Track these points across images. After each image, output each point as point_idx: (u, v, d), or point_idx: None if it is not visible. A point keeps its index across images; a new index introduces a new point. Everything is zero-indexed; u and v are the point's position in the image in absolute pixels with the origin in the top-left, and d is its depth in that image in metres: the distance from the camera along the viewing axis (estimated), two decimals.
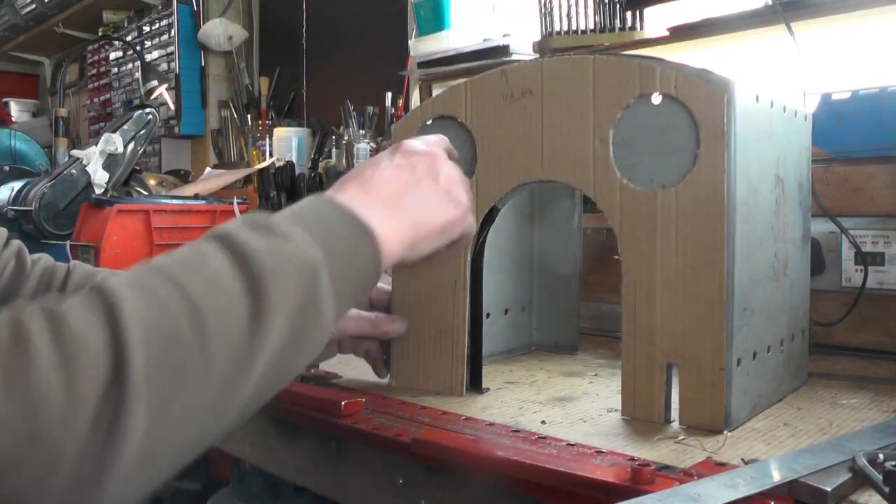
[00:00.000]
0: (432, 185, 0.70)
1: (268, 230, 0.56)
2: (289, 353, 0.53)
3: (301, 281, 0.54)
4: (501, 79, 0.85)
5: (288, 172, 2.16)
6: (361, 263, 0.61)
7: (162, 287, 0.49)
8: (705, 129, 0.72)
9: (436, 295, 0.89)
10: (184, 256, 0.53)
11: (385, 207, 0.66)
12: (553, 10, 1.45)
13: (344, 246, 0.59)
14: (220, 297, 0.50)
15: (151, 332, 0.46)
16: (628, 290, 0.77)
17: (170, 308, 0.48)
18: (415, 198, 0.68)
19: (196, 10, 2.88)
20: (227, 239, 0.54)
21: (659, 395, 0.75)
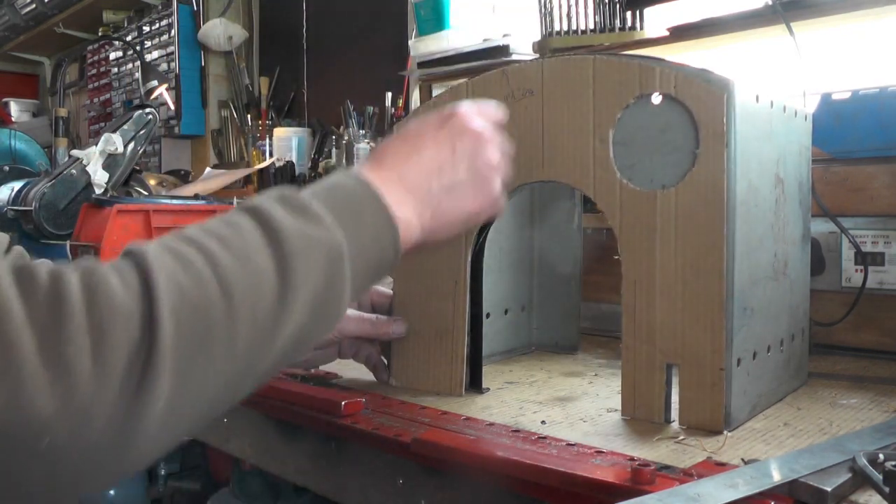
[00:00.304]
0: (468, 170, 0.70)
1: (300, 209, 0.58)
2: (307, 331, 0.56)
3: (326, 265, 0.56)
4: (502, 79, 0.85)
5: (288, 172, 2.16)
6: (382, 250, 0.63)
7: (196, 258, 0.51)
8: (705, 129, 0.72)
9: (436, 295, 0.89)
10: (219, 228, 0.55)
11: (414, 191, 0.67)
12: (553, 10, 1.45)
13: (368, 233, 0.61)
14: (251, 274, 0.52)
15: (183, 303, 0.48)
16: (628, 290, 0.77)
17: (202, 280, 0.50)
18: (447, 183, 0.69)
19: (196, 10, 2.88)
20: (262, 215, 0.56)
21: (659, 395, 0.75)
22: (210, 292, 0.50)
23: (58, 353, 0.43)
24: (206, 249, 0.52)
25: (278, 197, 0.59)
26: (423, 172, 0.68)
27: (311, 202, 0.59)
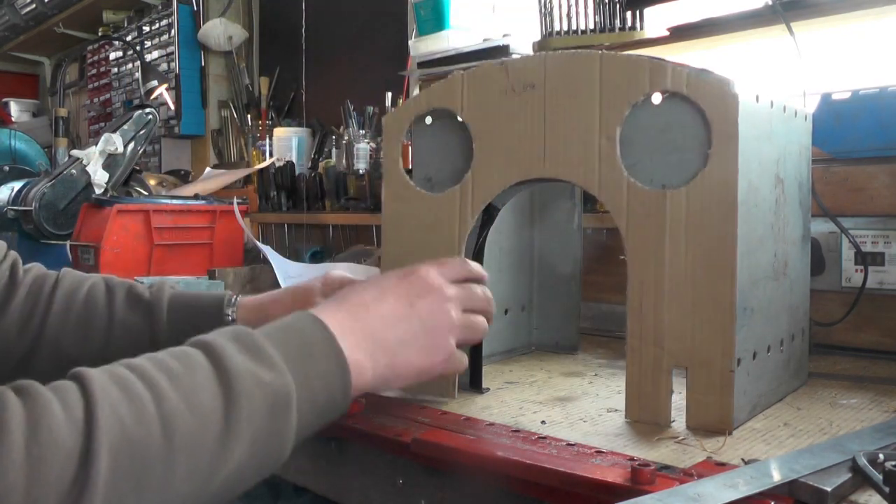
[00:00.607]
0: (424, 326, 0.70)
1: (254, 351, 0.58)
2: (246, 473, 0.56)
3: (272, 412, 0.57)
4: (501, 72, 0.84)
5: (288, 172, 2.16)
6: (331, 394, 0.63)
7: (143, 393, 0.52)
8: (717, 129, 0.71)
9: None
10: (171, 362, 0.56)
11: (370, 337, 0.67)
12: (553, 10, 1.46)
13: (319, 378, 0.61)
14: (195, 414, 0.53)
15: (122, 440, 0.49)
16: (634, 291, 0.76)
17: (145, 417, 0.51)
18: (402, 336, 0.69)
19: (196, 10, 2.88)
20: (215, 353, 0.57)
21: (665, 398, 0.74)
22: (151, 430, 0.50)
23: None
24: (154, 384, 0.53)
25: (233, 335, 0.60)
26: (380, 321, 0.68)
27: (265, 344, 0.59)
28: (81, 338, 0.88)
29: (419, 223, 0.89)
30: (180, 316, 0.89)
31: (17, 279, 0.89)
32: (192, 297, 0.92)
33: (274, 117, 2.65)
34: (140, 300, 0.89)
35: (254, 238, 1.90)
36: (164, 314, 0.89)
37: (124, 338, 0.88)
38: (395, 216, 0.91)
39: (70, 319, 0.87)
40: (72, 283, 0.90)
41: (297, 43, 2.63)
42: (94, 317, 0.88)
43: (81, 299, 0.89)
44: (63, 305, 0.88)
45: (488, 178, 0.85)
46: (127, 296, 0.90)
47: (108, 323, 0.88)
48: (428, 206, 0.88)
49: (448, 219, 0.87)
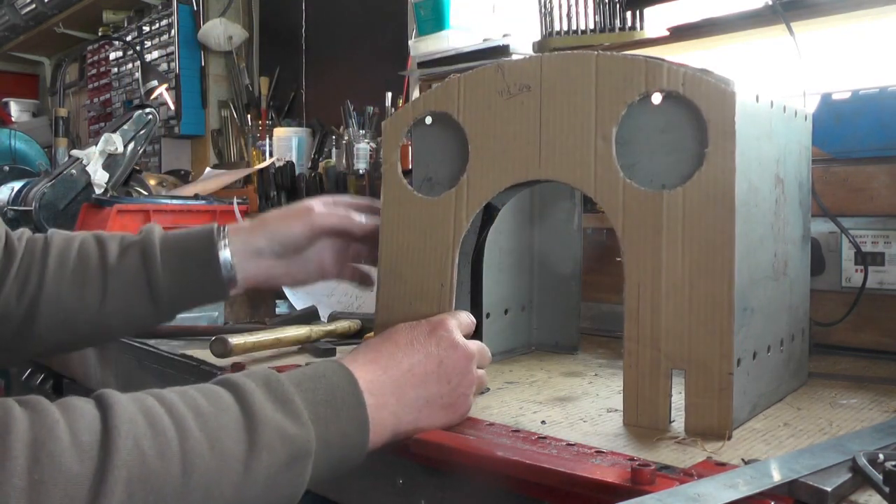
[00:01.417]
0: (451, 387, 0.73)
1: (282, 401, 0.60)
2: None
3: (290, 464, 0.59)
4: (497, 74, 0.83)
5: (288, 172, 2.16)
6: (350, 451, 0.65)
7: (168, 427, 0.53)
8: (714, 128, 0.71)
9: (423, 297, 0.88)
10: (200, 400, 0.57)
11: (397, 395, 0.69)
12: (553, 10, 1.45)
13: (340, 440, 0.63)
14: (217, 457, 0.54)
15: (141, 474, 0.49)
16: (631, 292, 0.75)
17: (167, 453, 0.51)
18: (426, 395, 0.71)
19: (196, 10, 2.88)
20: (245, 399, 0.58)
21: (664, 402, 0.73)
22: (171, 468, 0.51)
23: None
24: (180, 421, 0.53)
25: (265, 381, 0.61)
26: (410, 379, 0.70)
27: (294, 394, 0.61)
28: (79, 292, 0.88)
29: (415, 226, 0.89)
30: (174, 255, 0.90)
31: (13, 247, 0.89)
32: (182, 236, 0.93)
33: (274, 117, 2.65)
34: (131, 247, 0.90)
35: None
36: (158, 256, 0.89)
37: (122, 286, 0.89)
38: (392, 220, 0.91)
39: (66, 276, 0.88)
40: (63, 241, 0.91)
41: (297, 43, 2.63)
42: (89, 269, 0.89)
43: (74, 255, 0.89)
44: (57, 263, 0.88)
45: (483, 180, 0.85)
46: (119, 245, 0.91)
47: (103, 273, 0.88)
48: (424, 209, 0.88)
49: (443, 222, 0.87)
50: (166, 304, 0.91)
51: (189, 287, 0.92)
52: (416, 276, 0.88)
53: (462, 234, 0.86)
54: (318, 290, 1.56)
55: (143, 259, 0.89)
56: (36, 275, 0.88)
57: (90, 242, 0.91)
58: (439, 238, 0.87)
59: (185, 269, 0.90)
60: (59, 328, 0.89)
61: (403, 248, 0.90)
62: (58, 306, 0.88)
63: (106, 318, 0.90)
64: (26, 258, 0.89)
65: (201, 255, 0.90)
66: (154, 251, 0.89)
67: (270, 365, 1.04)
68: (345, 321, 1.28)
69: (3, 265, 0.88)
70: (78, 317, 0.89)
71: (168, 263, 0.89)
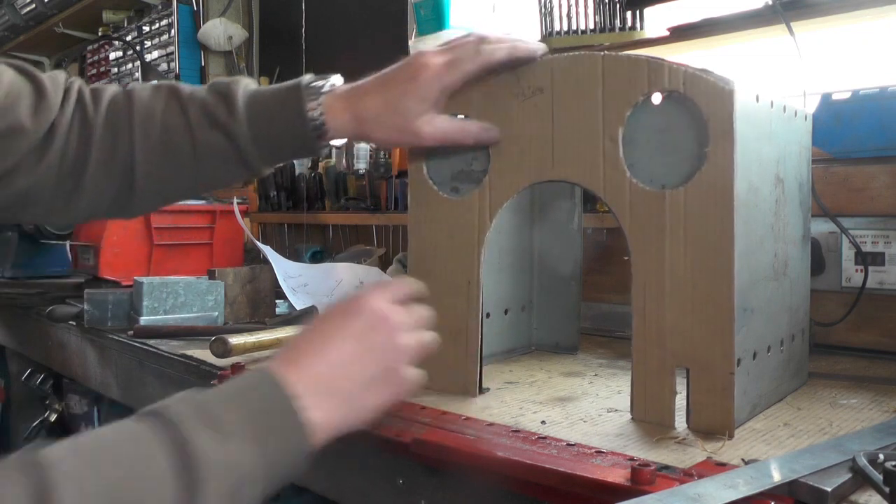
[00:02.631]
0: (381, 363, 0.70)
1: (216, 425, 0.58)
2: None
3: (230, 490, 0.57)
4: (512, 77, 0.84)
5: (288, 172, 2.16)
6: (291, 458, 0.63)
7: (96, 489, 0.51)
8: (714, 128, 0.71)
9: (449, 294, 0.89)
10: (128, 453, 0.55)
11: (330, 391, 0.67)
12: (553, 10, 1.46)
13: (279, 446, 0.62)
14: None
15: None
16: (638, 291, 0.76)
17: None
18: (361, 379, 0.69)
19: (196, 10, 2.88)
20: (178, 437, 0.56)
21: (669, 399, 0.74)
22: None
23: None
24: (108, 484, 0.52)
25: (196, 406, 0.59)
26: (338, 370, 0.68)
27: (226, 415, 0.59)
28: (172, 168, 0.87)
29: (442, 226, 0.90)
30: (261, 122, 0.86)
31: (87, 111, 0.86)
32: (270, 96, 0.87)
33: None
34: (215, 121, 0.86)
35: (254, 238, 1.90)
36: (245, 128, 0.86)
37: (212, 162, 0.87)
38: (419, 219, 0.92)
39: (155, 150, 0.86)
40: (144, 110, 0.87)
41: (297, 43, 2.63)
42: (178, 148, 0.86)
43: (159, 128, 0.86)
44: (144, 135, 0.86)
45: (504, 181, 0.86)
46: (202, 113, 0.86)
47: (192, 149, 0.86)
48: (450, 209, 0.89)
49: (468, 222, 0.88)
50: (258, 168, 0.89)
51: (280, 151, 0.89)
52: (444, 272, 0.90)
53: (486, 234, 0.87)
54: (318, 290, 1.56)
55: (228, 139, 0.86)
56: (124, 148, 0.85)
57: (173, 110, 0.86)
58: (465, 237, 0.88)
59: (273, 136, 0.87)
60: (155, 200, 0.91)
61: (431, 246, 0.91)
62: (153, 182, 0.87)
63: (200, 185, 0.91)
64: (110, 121, 0.86)
65: (293, 124, 0.86)
66: (240, 124, 0.85)
67: None
68: None
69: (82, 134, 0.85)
70: (173, 191, 0.91)
71: (255, 134, 0.86)
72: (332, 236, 2.08)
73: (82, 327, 1.45)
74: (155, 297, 1.36)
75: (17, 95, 0.81)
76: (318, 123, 0.86)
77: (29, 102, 0.82)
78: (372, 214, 1.88)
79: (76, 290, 1.81)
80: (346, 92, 0.88)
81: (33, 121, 0.82)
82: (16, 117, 0.81)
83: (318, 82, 0.88)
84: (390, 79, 0.88)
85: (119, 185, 0.87)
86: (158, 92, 0.88)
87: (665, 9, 1.38)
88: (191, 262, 1.88)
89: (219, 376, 0.98)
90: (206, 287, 1.41)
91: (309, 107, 0.86)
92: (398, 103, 0.85)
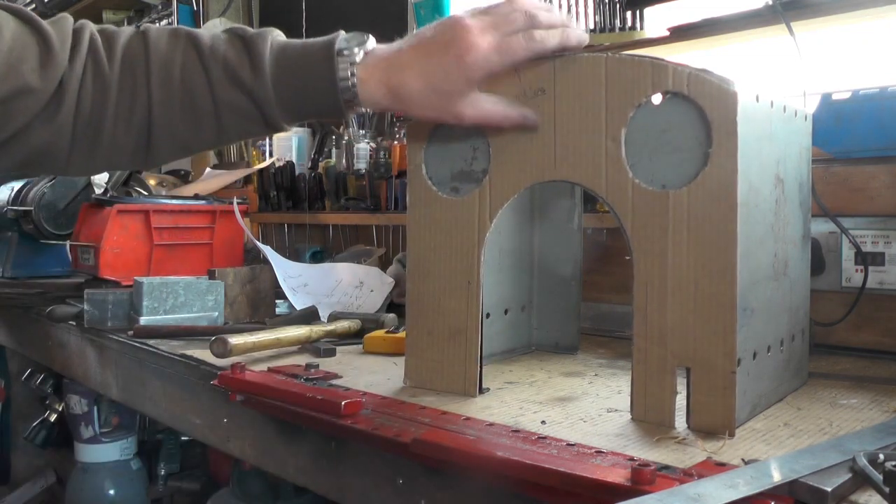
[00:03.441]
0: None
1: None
2: None
3: None
4: (514, 77, 0.84)
5: (288, 172, 2.16)
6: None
7: None
8: (717, 128, 0.72)
9: (449, 294, 0.89)
10: None
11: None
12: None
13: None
14: None
15: None
16: (639, 291, 0.76)
17: None
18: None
19: (196, 10, 2.88)
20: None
21: (670, 398, 0.75)
22: None
23: None
24: None
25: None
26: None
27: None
28: (193, 129, 0.84)
29: (441, 226, 0.90)
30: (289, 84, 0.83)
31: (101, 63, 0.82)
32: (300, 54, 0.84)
33: None
34: (238, 80, 0.82)
35: (254, 238, 1.90)
36: (271, 92, 0.83)
37: (235, 121, 0.85)
38: (419, 220, 0.92)
39: (175, 108, 0.83)
40: (161, 62, 0.83)
41: None
42: (199, 107, 0.83)
43: (178, 84, 0.82)
44: (163, 92, 0.82)
45: (505, 181, 0.86)
46: (224, 71, 0.82)
47: (214, 109, 0.83)
48: (449, 209, 0.89)
49: (468, 222, 0.88)
50: (281, 127, 0.87)
51: (306, 115, 0.87)
52: (443, 273, 0.90)
53: (486, 234, 0.87)
54: (318, 290, 1.56)
55: (252, 100, 0.83)
56: (142, 105, 0.82)
57: (193, 67, 0.82)
58: (464, 237, 0.88)
59: (300, 100, 0.84)
60: (175, 153, 0.90)
61: (430, 246, 0.91)
62: (173, 138, 0.85)
63: (220, 140, 0.88)
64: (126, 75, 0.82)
65: (320, 89, 0.83)
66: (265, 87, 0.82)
67: (270, 365, 1.04)
68: (345, 321, 1.28)
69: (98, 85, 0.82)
70: (194, 145, 0.88)
71: (281, 97, 0.83)
72: (332, 236, 2.08)
73: (82, 327, 1.45)
74: (155, 297, 1.36)
75: (21, 52, 0.77)
76: (350, 94, 0.82)
77: (35, 59, 0.78)
78: (372, 214, 1.88)
79: (76, 290, 1.81)
80: (382, 60, 0.83)
81: (41, 79, 0.78)
82: (22, 77, 0.76)
83: (353, 47, 0.83)
84: (432, 51, 0.81)
85: (136, 139, 0.84)
86: (176, 41, 0.83)
87: (665, 9, 1.38)
88: (191, 262, 1.88)
89: (219, 376, 0.98)
90: (206, 287, 1.41)
91: (341, 75, 0.82)
92: (441, 83, 0.81)
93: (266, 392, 0.91)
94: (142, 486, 1.98)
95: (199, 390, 1.10)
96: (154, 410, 1.22)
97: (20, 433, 2.34)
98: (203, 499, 1.81)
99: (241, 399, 0.94)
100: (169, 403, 1.18)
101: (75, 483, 1.94)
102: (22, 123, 0.79)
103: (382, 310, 1.51)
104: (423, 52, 0.82)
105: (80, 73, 0.80)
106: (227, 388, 0.96)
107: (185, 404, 1.14)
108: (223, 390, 0.97)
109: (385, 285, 1.57)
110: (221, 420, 1.05)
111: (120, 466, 1.95)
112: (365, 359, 1.12)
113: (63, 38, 0.80)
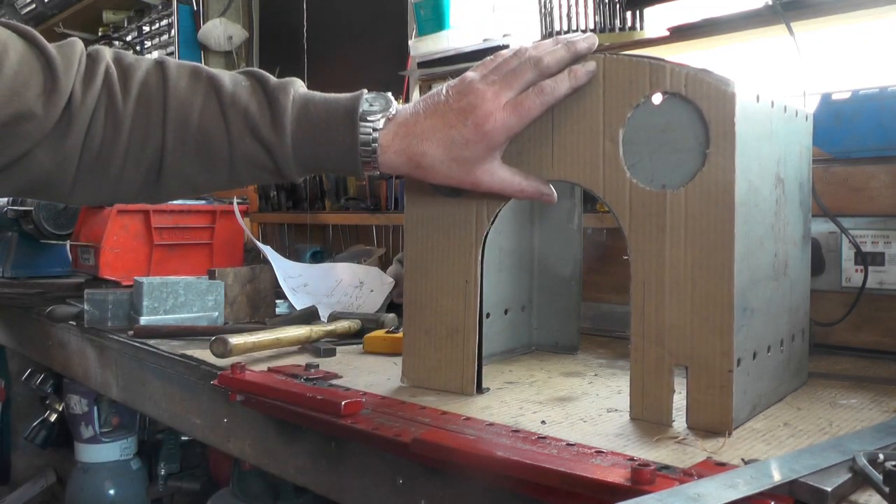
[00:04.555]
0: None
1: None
2: None
3: None
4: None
5: None
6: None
7: None
8: (715, 129, 0.72)
9: (447, 294, 0.89)
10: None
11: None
12: (553, 10, 1.46)
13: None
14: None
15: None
16: (637, 290, 0.76)
17: None
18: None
19: (196, 10, 2.88)
20: None
21: (667, 397, 0.75)
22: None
23: None
24: None
25: None
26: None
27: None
28: (206, 174, 0.84)
29: (439, 225, 0.90)
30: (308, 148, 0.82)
31: (116, 98, 0.80)
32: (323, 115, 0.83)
33: None
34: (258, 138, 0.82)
35: (254, 238, 1.90)
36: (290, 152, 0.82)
37: (249, 171, 0.84)
38: (416, 219, 0.92)
39: (189, 155, 0.82)
40: (179, 108, 0.81)
41: (298, 43, 2.63)
42: (215, 156, 0.82)
43: (195, 131, 0.81)
44: (177, 138, 0.81)
45: None
46: (245, 124, 0.81)
47: (230, 158, 0.82)
48: (447, 209, 0.89)
49: (466, 221, 0.88)
50: (294, 179, 0.86)
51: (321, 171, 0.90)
52: (441, 273, 0.90)
53: (485, 233, 0.87)
54: (318, 290, 1.56)
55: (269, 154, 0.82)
56: (155, 146, 0.81)
57: (211, 113, 0.81)
58: (462, 237, 0.88)
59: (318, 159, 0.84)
60: (183, 192, 0.89)
61: (428, 246, 0.91)
62: (184, 178, 0.84)
63: (231, 185, 0.87)
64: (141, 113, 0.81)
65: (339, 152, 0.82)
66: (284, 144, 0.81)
67: (270, 365, 1.04)
68: (345, 321, 1.28)
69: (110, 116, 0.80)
70: (203, 187, 0.87)
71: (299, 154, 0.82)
72: (332, 236, 2.08)
73: (82, 327, 1.45)
74: (155, 297, 1.36)
75: (27, 76, 0.76)
76: (369, 158, 0.82)
77: (39, 86, 0.76)
78: (372, 214, 1.88)
79: (76, 290, 1.81)
80: (402, 127, 0.82)
81: (44, 106, 0.76)
82: (26, 102, 0.75)
83: (377, 112, 0.82)
84: (450, 122, 0.81)
85: (145, 176, 0.83)
86: (197, 83, 0.82)
87: (665, 9, 1.38)
88: (191, 262, 1.88)
89: (219, 376, 0.98)
90: (206, 287, 1.41)
91: (362, 139, 0.81)
92: (460, 153, 0.81)
93: (266, 392, 0.91)
94: (142, 486, 1.98)
95: (199, 390, 1.10)
96: (154, 410, 1.22)
97: (20, 433, 2.34)
98: (203, 499, 1.82)
99: (241, 399, 0.94)
100: (169, 403, 1.18)
101: (75, 483, 1.95)
102: (24, 149, 0.77)
103: (382, 310, 1.51)
104: (441, 122, 0.81)
105: (92, 106, 0.79)
106: (227, 388, 0.96)
107: (185, 404, 1.14)
108: (223, 390, 0.97)
109: (385, 285, 1.57)
110: (221, 420, 1.05)
111: (120, 466, 1.95)
112: (365, 359, 1.12)
113: (68, 65, 0.78)
